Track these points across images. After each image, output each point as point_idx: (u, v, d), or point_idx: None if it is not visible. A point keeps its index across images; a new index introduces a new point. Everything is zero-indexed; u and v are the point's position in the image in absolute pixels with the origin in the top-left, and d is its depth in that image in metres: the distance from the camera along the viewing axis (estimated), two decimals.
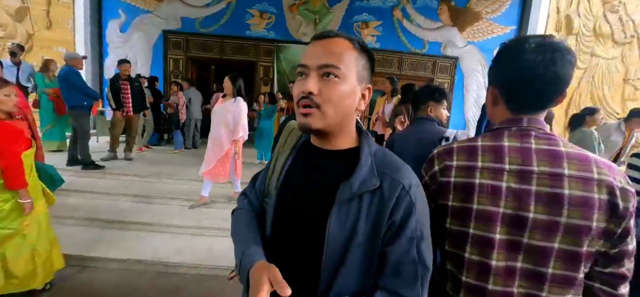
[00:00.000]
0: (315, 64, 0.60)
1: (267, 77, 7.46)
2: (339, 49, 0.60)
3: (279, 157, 0.74)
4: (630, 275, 0.66)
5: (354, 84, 0.62)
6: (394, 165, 0.62)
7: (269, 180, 0.75)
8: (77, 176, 3.77)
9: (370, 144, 0.65)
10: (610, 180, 0.62)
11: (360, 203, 0.59)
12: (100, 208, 3.14)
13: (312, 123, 0.60)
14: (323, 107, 0.59)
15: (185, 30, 7.18)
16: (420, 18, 7.37)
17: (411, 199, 0.59)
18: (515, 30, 7.46)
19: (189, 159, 5.19)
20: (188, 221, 2.98)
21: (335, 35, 0.62)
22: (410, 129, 1.71)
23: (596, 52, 7.59)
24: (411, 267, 0.58)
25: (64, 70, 3.82)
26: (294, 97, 0.63)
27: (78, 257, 2.43)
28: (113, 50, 6.97)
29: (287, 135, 0.77)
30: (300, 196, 0.65)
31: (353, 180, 0.59)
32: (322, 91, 0.59)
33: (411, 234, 0.58)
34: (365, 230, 0.58)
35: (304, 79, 0.61)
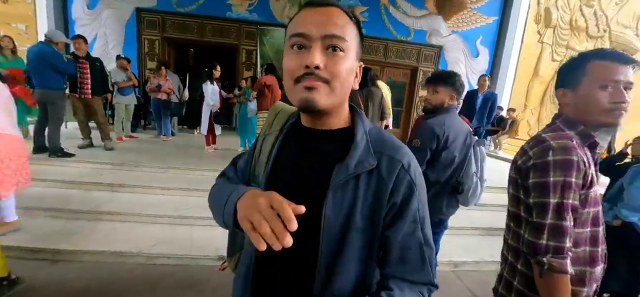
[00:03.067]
0: (318, 34, 0.51)
1: (249, 61, 7.22)
2: (343, 21, 0.54)
3: (266, 138, 0.69)
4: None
5: (354, 60, 0.57)
6: (390, 143, 0.59)
7: (255, 163, 0.69)
8: (44, 164, 3.50)
9: (364, 122, 0.62)
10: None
11: (356, 185, 0.55)
12: (71, 198, 2.94)
13: (318, 99, 0.52)
14: (331, 83, 0.53)
15: (161, 9, 6.75)
16: (406, 5, 7.33)
17: (411, 179, 0.56)
18: (497, 20, 7.61)
19: (167, 146, 4.99)
20: (167, 209, 2.86)
21: (331, 4, 0.55)
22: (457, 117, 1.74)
23: (571, 45, 7.91)
24: (418, 250, 0.56)
25: (40, 48, 3.50)
26: (290, 71, 0.54)
27: (48, 251, 2.28)
28: (80, 28, 6.44)
29: (274, 116, 0.71)
30: (293, 181, 0.60)
31: (348, 160, 0.55)
32: (329, 66, 0.52)
33: (414, 216, 0.56)
34: (364, 214, 0.55)
35: (304, 52, 0.53)
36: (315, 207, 0.55)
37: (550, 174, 0.82)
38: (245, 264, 0.66)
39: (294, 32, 0.54)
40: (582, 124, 0.88)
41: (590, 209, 0.86)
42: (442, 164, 1.65)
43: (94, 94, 4.13)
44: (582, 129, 0.88)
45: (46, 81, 3.51)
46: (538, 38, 7.81)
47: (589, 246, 0.87)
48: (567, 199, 0.81)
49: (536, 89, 8.10)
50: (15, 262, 2.18)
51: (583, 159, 0.82)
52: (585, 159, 0.83)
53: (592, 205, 0.86)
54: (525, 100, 8.14)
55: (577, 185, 0.81)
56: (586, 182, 0.83)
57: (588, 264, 0.86)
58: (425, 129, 1.63)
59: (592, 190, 0.85)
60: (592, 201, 0.86)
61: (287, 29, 0.57)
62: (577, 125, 0.88)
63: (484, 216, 3.50)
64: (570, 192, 0.80)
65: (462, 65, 7.75)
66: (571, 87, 0.89)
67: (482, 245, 3.01)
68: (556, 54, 7.93)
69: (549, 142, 0.86)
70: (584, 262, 0.87)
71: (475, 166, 1.73)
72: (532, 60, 7.91)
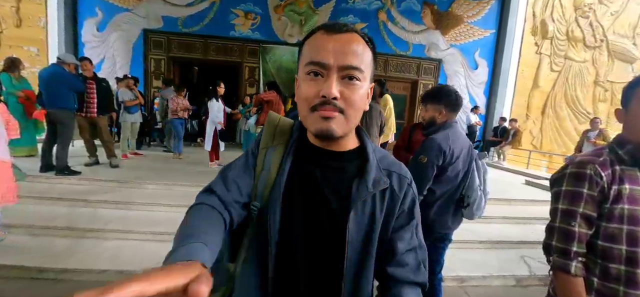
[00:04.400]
0: (336, 64, 0.52)
1: (252, 78, 7.36)
2: (360, 49, 0.54)
3: (268, 153, 0.65)
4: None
5: (368, 84, 0.58)
6: (394, 162, 0.66)
7: (257, 181, 0.64)
8: (52, 183, 3.55)
9: (370, 142, 0.66)
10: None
11: (374, 201, 0.60)
12: (78, 216, 2.97)
13: (335, 129, 0.54)
14: (347, 112, 0.54)
15: (167, 30, 6.97)
16: (405, 21, 7.51)
17: (414, 191, 0.64)
18: (494, 33, 7.74)
19: (172, 163, 5.04)
20: (172, 227, 2.87)
21: (349, 30, 0.55)
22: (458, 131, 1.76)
23: (569, 56, 7.99)
24: (414, 254, 0.62)
25: (53, 70, 3.64)
26: (307, 99, 0.54)
27: (53, 270, 2.28)
28: (89, 50, 6.66)
29: (274, 129, 0.68)
30: (312, 201, 0.60)
31: (367, 179, 0.59)
32: (345, 95, 0.53)
33: (414, 223, 0.64)
34: (380, 223, 0.60)
35: (320, 80, 0.53)
36: (337, 225, 0.58)
37: (564, 185, 0.93)
38: (256, 288, 0.62)
39: (311, 60, 0.53)
40: (632, 144, 0.90)
41: (624, 226, 0.86)
42: (448, 178, 1.67)
43: (100, 113, 4.24)
44: (630, 149, 0.90)
45: (58, 101, 3.62)
46: (536, 49, 7.92)
47: (624, 265, 0.86)
48: (577, 207, 0.88)
49: (537, 100, 8.14)
50: (19, 282, 2.20)
51: (601, 174, 0.86)
52: (603, 174, 0.87)
53: (627, 222, 0.86)
54: (527, 111, 8.16)
55: (590, 196, 0.87)
56: (606, 196, 0.86)
57: (623, 284, 0.86)
58: (432, 145, 1.64)
59: (620, 206, 0.86)
60: (626, 218, 0.86)
61: (301, 51, 0.58)
62: (627, 144, 0.91)
63: (490, 229, 3.46)
64: (580, 201, 0.88)
65: (461, 77, 7.84)
66: (625, 107, 0.93)
67: (488, 259, 2.96)
68: (555, 64, 8.01)
69: (575, 159, 0.96)
70: (616, 281, 0.86)
71: (478, 179, 1.76)
72: (531, 72, 7.98)
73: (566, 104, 8.21)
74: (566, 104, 8.21)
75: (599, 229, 0.88)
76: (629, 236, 0.86)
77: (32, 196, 3.18)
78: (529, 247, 3.12)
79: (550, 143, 8.30)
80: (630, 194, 0.86)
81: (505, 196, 4.37)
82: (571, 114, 8.26)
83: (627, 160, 0.89)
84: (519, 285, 2.71)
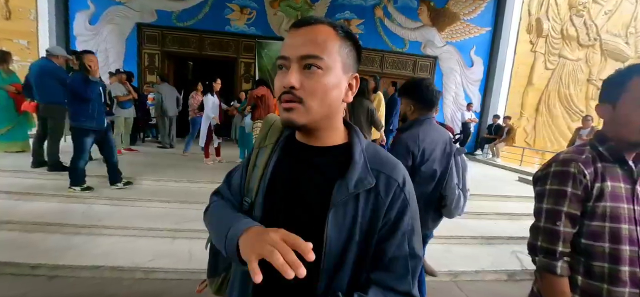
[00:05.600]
0: (295, 55, 0.54)
1: (248, 73, 7.31)
2: (321, 37, 0.55)
3: (260, 152, 0.69)
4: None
5: (339, 74, 0.57)
6: (387, 161, 0.62)
7: (249, 177, 0.69)
8: (44, 179, 3.51)
9: (361, 139, 0.63)
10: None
11: (356, 203, 0.57)
12: (70, 212, 2.94)
13: (296, 118, 0.55)
14: (306, 102, 0.55)
15: (161, 24, 6.88)
16: (401, 17, 7.51)
17: (405, 197, 0.59)
18: (490, 31, 7.78)
19: (167, 159, 5.00)
20: (166, 223, 2.86)
21: (315, 22, 0.56)
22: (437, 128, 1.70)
23: (563, 54, 8.08)
24: (403, 262, 0.58)
25: (42, 63, 3.57)
26: (276, 91, 0.58)
27: (46, 267, 2.26)
28: (81, 43, 6.55)
29: (268, 129, 0.72)
30: (292, 196, 0.61)
31: (348, 179, 0.56)
32: (305, 84, 0.54)
33: (404, 230, 0.59)
34: (362, 229, 0.58)
35: (284, 72, 0.56)
36: (315, 224, 0.56)
37: (547, 183, 0.92)
38: (240, 285, 0.66)
39: (279, 54, 0.58)
40: (614, 141, 0.88)
41: (606, 223, 0.86)
42: (422, 178, 1.60)
43: None
44: (611, 146, 0.88)
45: (48, 96, 3.56)
46: (531, 47, 7.99)
47: (608, 262, 0.86)
48: (561, 206, 0.88)
49: (531, 97, 8.23)
50: (12, 278, 2.18)
51: (584, 172, 0.86)
52: (586, 172, 0.86)
53: (609, 220, 0.86)
54: (521, 109, 8.25)
55: (573, 195, 0.87)
56: (589, 195, 0.86)
57: (607, 282, 0.86)
58: (399, 145, 1.58)
59: (603, 204, 0.86)
60: (608, 216, 0.86)
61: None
62: (608, 141, 0.89)
63: (483, 225, 3.51)
64: (564, 200, 0.87)
65: (457, 74, 7.88)
66: (611, 102, 0.89)
67: (481, 254, 3.01)
68: (549, 62, 8.09)
69: (559, 155, 0.95)
70: (600, 279, 0.86)
71: (457, 177, 1.67)
72: (525, 69, 8.06)
73: (559, 102, 8.32)
74: (559, 102, 8.32)
75: (582, 227, 0.88)
76: (612, 233, 0.86)
77: (24, 192, 3.14)
78: (521, 243, 3.17)
79: (544, 141, 8.41)
80: (612, 192, 0.86)
81: (499, 193, 4.43)
82: (564, 112, 8.37)
83: (608, 157, 0.88)
84: (511, 280, 2.76)
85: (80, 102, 3.07)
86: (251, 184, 0.67)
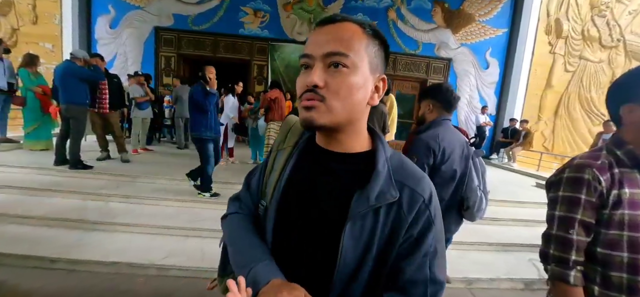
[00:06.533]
0: (320, 53, 0.52)
1: (261, 75, 7.40)
2: (348, 35, 0.52)
3: (278, 155, 0.67)
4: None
5: (366, 74, 0.54)
6: (413, 174, 0.57)
7: (266, 180, 0.66)
8: (64, 177, 3.65)
9: (385, 148, 0.59)
10: None
11: (376, 217, 0.53)
12: (89, 209, 3.04)
13: (316, 118, 0.52)
14: (329, 100, 0.52)
15: (178, 27, 7.06)
16: (415, 19, 7.43)
17: (430, 214, 0.55)
18: (506, 33, 7.59)
19: (181, 159, 5.11)
20: (180, 221, 2.92)
21: (342, 19, 0.53)
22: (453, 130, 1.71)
23: (584, 56, 7.78)
24: (422, 287, 0.54)
25: (66, 65, 3.74)
26: (297, 91, 0.55)
27: (65, 261, 2.35)
28: (102, 46, 6.81)
29: (287, 131, 0.69)
30: (308, 203, 0.58)
31: (369, 191, 0.53)
32: (329, 83, 0.51)
33: (426, 251, 0.54)
34: (381, 244, 0.54)
35: (307, 71, 0.53)
36: (330, 232, 0.54)
37: (560, 190, 0.88)
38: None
39: (302, 53, 0.55)
40: (633, 144, 0.84)
41: (625, 232, 0.82)
42: (443, 179, 1.60)
43: (111, 108, 4.33)
44: (630, 150, 0.84)
45: (71, 96, 3.71)
46: (549, 49, 7.74)
47: (626, 273, 0.82)
48: (575, 214, 0.84)
49: (550, 100, 7.96)
50: (34, 271, 2.27)
51: (600, 179, 0.82)
52: (602, 179, 0.82)
53: (628, 228, 0.82)
54: (539, 112, 7.99)
55: (588, 202, 0.83)
56: (605, 202, 0.82)
57: (625, 293, 0.83)
58: (420, 144, 1.58)
59: (620, 212, 0.82)
60: (626, 224, 0.82)
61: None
62: (625, 144, 0.85)
63: (499, 231, 3.41)
64: (578, 208, 0.84)
65: (472, 77, 7.72)
66: (634, 102, 0.83)
67: (497, 261, 2.92)
68: (569, 64, 7.81)
69: (572, 161, 0.91)
70: (618, 289, 0.83)
71: (477, 179, 1.68)
72: (544, 71, 7.81)
73: (580, 105, 8.01)
74: (580, 105, 8.01)
75: (598, 236, 0.84)
76: (630, 242, 0.82)
77: (46, 189, 3.27)
78: (538, 251, 3.06)
79: (563, 145, 8.11)
80: (631, 199, 0.81)
81: (515, 198, 4.30)
82: (585, 116, 8.05)
83: (626, 162, 0.84)
84: (528, 289, 2.66)
85: (200, 113, 3.19)
86: (267, 187, 0.65)
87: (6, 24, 6.59)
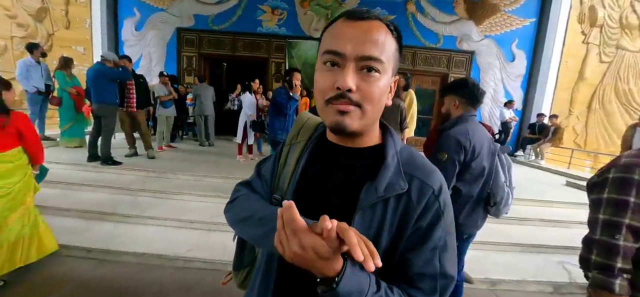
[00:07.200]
0: (354, 54, 0.49)
1: (278, 73, 7.47)
2: (382, 38, 0.50)
3: (291, 149, 0.68)
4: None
5: (390, 77, 0.54)
6: (423, 166, 0.57)
7: (279, 174, 0.68)
8: (97, 172, 3.88)
9: (395, 141, 0.60)
10: None
11: (385, 207, 0.53)
12: (119, 203, 3.22)
13: (350, 123, 0.52)
14: (363, 107, 0.51)
15: (198, 28, 7.26)
16: (435, 11, 7.20)
17: (440, 206, 0.54)
18: (535, 22, 7.19)
19: (203, 156, 5.27)
20: (203, 216, 3.02)
21: (372, 17, 0.51)
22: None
23: (622, 45, 7.23)
24: (431, 281, 0.53)
25: (97, 67, 3.97)
26: (322, 89, 0.53)
27: (98, 251, 2.50)
28: (128, 48, 7.12)
29: (300, 127, 0.70)
30: (320, 196, 0.59)
31: (378, 182, 0.53)
32: (361, 87, 0.50)
33: (435, 244, 0.54)
34: (389, 236, 0.54)
35: (337, 71, 0.51)
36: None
37: (605, 192, 0.82)
38: (263, 282, 0.64)
39: (328, 48, 0.52)
40: None
41: None
42: (472, 175, 1.58)
43: (139, 107, 4.53)
44: None
45: (102, 96, 3.93)
46: (582, 39, 7.25)
47: None
48: (621, 217, 0.78)
49: (582, 94, 7.47)
50: (70, 259, 2.43)
51: None
52: None
53: None
54: (570, 106, 7.53)
55: (637, 205, 0.77)
56: None
57: None
58: (450, 140, 1.55)
59: None
60: None
61: (321, 39, 0.55)
62: None
63: (525, 231, 3.26)
64: (625, 211, 0.78)
65: (496, 70, 7.39)
66: None
67: (523, 262, 2.80)
68: (604, 54, 7.29)
69: (619, 160, 0.85)
70: None
71: (503, 175, 1.66)
72: (576, 63, 7.33)
73: (616, 98, 7.46)
74: (616, 98, 7.46)
75: None
76: None
77: (80, 183, 3.49)
78: (569, 253, 2.90)
79: (596, 141, 7.60)
80: None
81: (543, 197, 4.09)
82: (622, 109, 7.49)
83: None
84: (557, 292, 2.54)
85: (279, 116, 3.29)
86: (281, 181, 0.66)
87: (42, 30, 7.04)
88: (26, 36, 6.86)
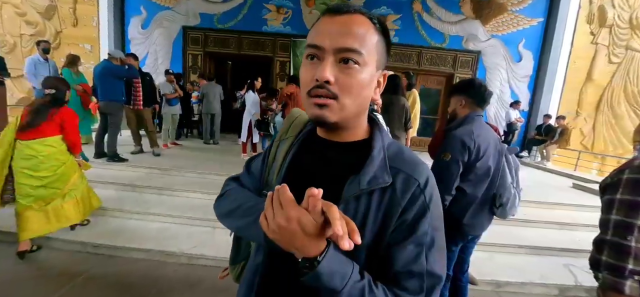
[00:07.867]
0: (332, 47, 0.50)
1: (283, 72, 7.47)
2: (361, 30, 0.51)
3: (280, 145, 0.69)
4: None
5: (373, 71, 0.54)
6: (409, 161, 0.57)
7: (268, 169, 0.69)
8: (103, 168, 3.92)
9: (383, 136, 0.60)
10: None
11: (369, 201, 0.53)
12: (125, 199, 3.25)
13: (329, 116, 0.52)
14: (341, 99, 0.52)
15: (204, 26, 7.29)
16: (441, 11, 7.14)
17: (425, 200, 0.54)
18: (542, 22, 7.11)
19: (208, 153, 5.31)
20: (208, 213, 3.03)
21: (353, 11, 0.52)
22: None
23: (632, 45, 7.12)
24: (417, 280, 0.52)
25: (104, 65, 4.01)
26: (303, 82, 0.54)
27: (106, 247, 2.53)
28: (134, 46, 7.18)
29: (290, 123, 0.71)
30: (303, 191, 0.59)
31: (361, 175, 0.53)
32: (340, 80, 0.51)
33: (421, 240, 0.52)
34: (373, 230, 0.53)
35: (316, 63, 0.52)
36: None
37: (619, 192, 0.82)
38: (249, 275, 0.66)
39: (309, 42, 0.53)
40: None
41: None
42: (477, 176, 1.56)
43: (145, 105, 4.57)
44: None
45: (108, 93, 3.97)
46: (591, 39, 7.14)
47: None
48: (634, 218, 0.78)
49: (590, 95, 7.36)
50: (79, 255, 2.47)
51: None
52: None
53: None
54: (577, 107, 7.43)
55: None
56: None
57: None
58: (454, 141, 1.54)
59: None
60: None
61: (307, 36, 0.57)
62: None
63: (531, 233, 3.24)
64: (638, 212, 0.78)
65: (503, 70, 7.32)
66: None
67: (529, 265, 2.78)
68: (614, 55, 7.17)
69: (633, 161, 0.85)
70: None
71: (510, 175, 1.66)
72: (584, 64, 7.23)
73: (625, 100, 7.34)
74: (625, 100, 7.34)
75: None
76: None
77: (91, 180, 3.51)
78: (575, 256, 2.88)
79: (604, 143, 7.49)
80: None
81: (549, 199, 4.06)
82: (631, 112, 7.36)
83: None
84: (563, 295, 2.52)
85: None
86: (270, 176, 0.67)
87: (50, 27, 7.12)
88: (35, 34, 6.95)
